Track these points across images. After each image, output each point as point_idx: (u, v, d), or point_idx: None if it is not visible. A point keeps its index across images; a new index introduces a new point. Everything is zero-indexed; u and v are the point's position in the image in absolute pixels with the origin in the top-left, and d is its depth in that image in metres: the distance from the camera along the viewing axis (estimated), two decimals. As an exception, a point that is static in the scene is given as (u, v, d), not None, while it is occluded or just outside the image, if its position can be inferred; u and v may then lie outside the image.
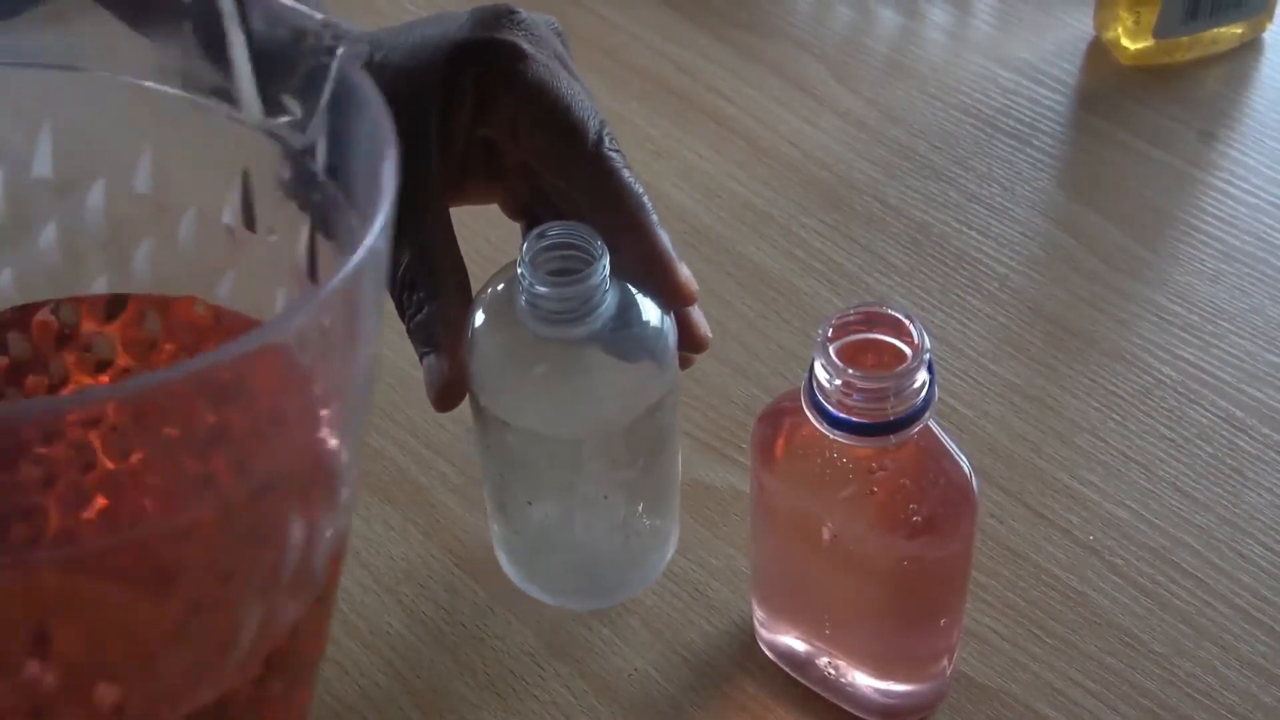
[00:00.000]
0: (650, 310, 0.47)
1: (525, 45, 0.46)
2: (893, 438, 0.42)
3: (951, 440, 0.45)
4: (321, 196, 0.36)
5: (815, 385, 0.43)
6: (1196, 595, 0.54)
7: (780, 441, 0.46)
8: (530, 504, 0.52)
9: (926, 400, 0.42)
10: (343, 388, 0.34)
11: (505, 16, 0.47)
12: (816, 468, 0.45)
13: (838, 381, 0.42)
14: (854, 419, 0.42)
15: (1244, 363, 0.62)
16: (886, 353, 0.43)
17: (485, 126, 0.47)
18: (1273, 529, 0.56)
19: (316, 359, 0.32)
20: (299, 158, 0.36)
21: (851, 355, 0.43)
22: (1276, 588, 0.54)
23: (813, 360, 0.43)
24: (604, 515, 0.51)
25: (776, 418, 0.47)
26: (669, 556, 0.55)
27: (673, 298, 0.47)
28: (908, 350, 0.42)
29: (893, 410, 0.42)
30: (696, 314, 0.49)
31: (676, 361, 0.49)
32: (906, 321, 0.43)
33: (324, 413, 0.33)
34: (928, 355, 0.42)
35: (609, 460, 0.49)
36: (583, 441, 0.49)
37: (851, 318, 0.43)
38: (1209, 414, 0.60)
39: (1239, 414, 0.60)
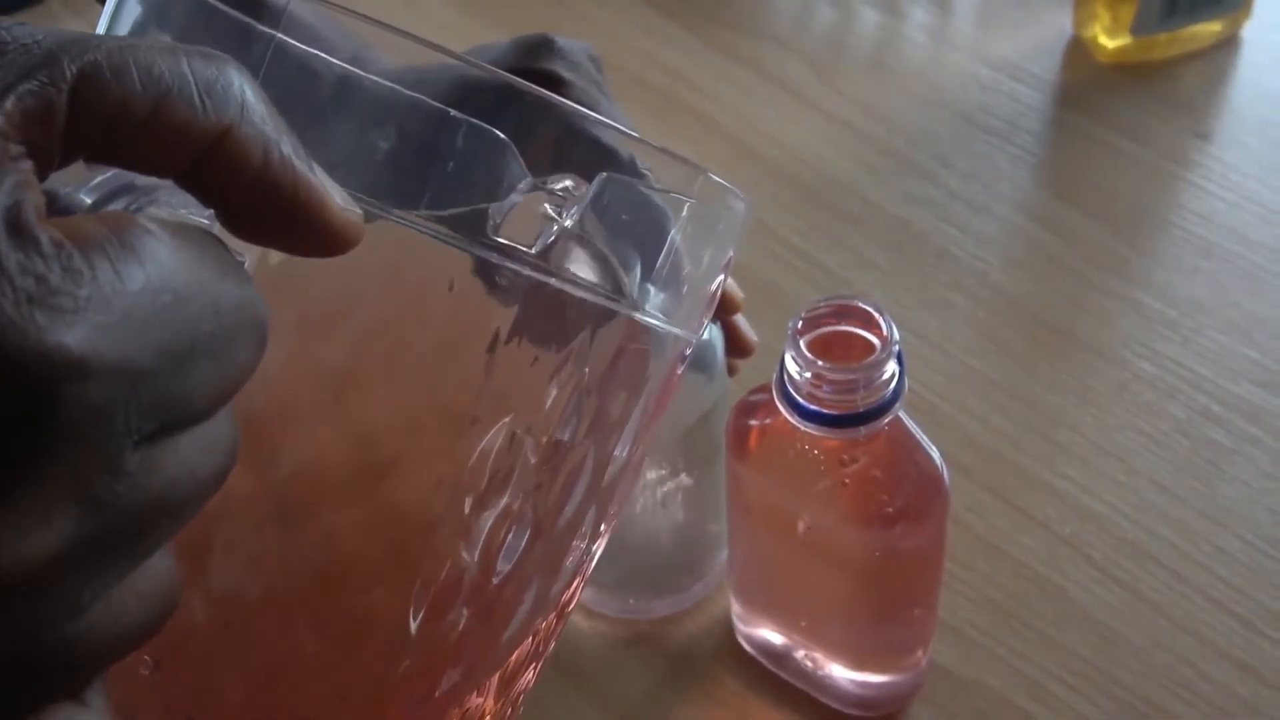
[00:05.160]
0: None
1: (564, 73, 0.47)
2: (862, 429, 0.43)
3: (923, 432, 0.45)
4: None
5: (786, 377, 0.43)
6: (1174, 588, 0.54)
7: (754, 434, 0.47)
8: None
9: (896, 392, 0.42)
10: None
11: (544, 46, 0.47)
12: (789, 460, 0.45)
13: (807, 373, 0.42)
14: (824, 410, 0.42)
15: (1221, 358, 0.62)
16: (856, 345, 0.43)
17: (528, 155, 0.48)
18: (1249, 522, 0.56)
19: None
20: None
21: (823, 348, 0.43)
22: (1253, 580, 0.54)
23: (784, 353, 0.43)
24: (663, 522, 0.52)
25: (750, 411, 0.47)
26: (724, 560, 0.55)
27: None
28: (877, 342, 0.43)
29: (862, 402, 0.42)
30: (742, 321, 0.50)
31: (725, 369, 0.50)
32: (875, 314, 0.43)
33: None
34: (896, 347, 0.42)
35: (667, 468, 0.50)
36: None
37: (822, 310, 0.43)
38: (1186, 408, 0.60)
39: (1216, 409, 0.60)
